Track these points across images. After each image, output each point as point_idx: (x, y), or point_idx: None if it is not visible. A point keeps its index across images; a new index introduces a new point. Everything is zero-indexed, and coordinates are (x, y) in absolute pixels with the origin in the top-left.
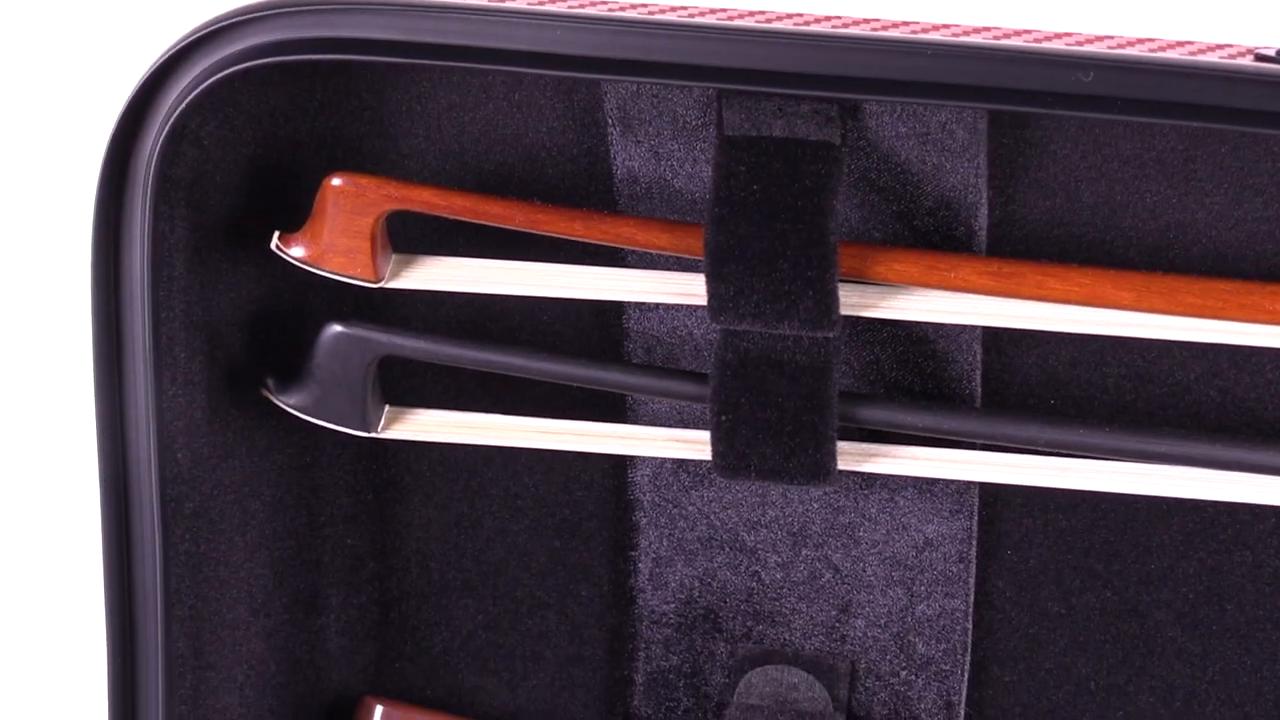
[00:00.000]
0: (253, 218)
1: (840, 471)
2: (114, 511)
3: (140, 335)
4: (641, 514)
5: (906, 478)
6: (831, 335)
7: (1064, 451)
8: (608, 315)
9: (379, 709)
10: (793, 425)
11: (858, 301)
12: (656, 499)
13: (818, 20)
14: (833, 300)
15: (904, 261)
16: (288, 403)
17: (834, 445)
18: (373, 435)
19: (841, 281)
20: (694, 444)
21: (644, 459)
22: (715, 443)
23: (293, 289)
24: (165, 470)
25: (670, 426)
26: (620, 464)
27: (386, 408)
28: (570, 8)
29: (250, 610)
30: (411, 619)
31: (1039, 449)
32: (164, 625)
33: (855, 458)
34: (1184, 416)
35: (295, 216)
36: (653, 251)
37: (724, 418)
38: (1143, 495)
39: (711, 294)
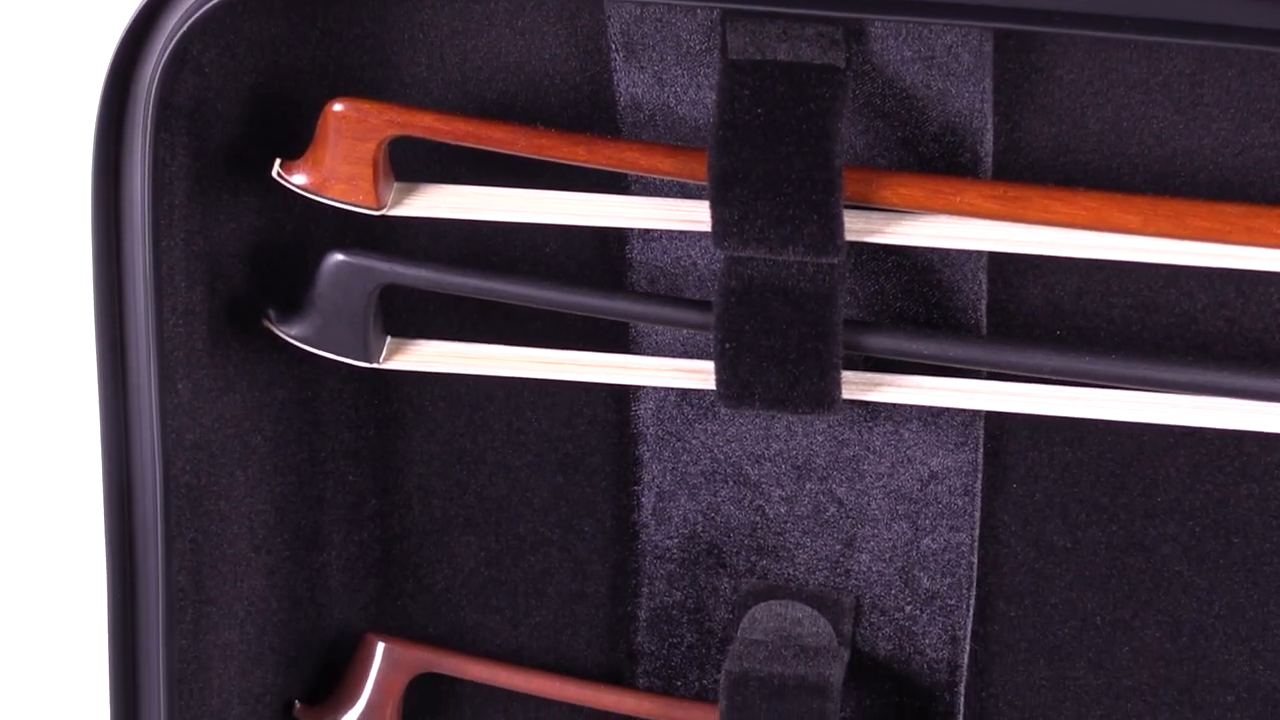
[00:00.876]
0: (254, 146)
1: (845, 402)
2: (114, 442)
3: (140, 263)
4: (645, 448)
5: (911, 410)
6: (836, 261)
7: (1070, 380)
8: (610, 247)
9: (380, 646)
10: (797, 353)
11: (862, 227)
12: (660, 432)
13: None
14: (837, 225)
15: (909, 185)
16: (289, 333)
17: (839, 373)
18: (374, 366)
19: (846, 207)
20: (698, 373)
21: (647, 392)
22: (719, 371)
23: (294, 220)
24: (166, 401)
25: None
26: (623, 398)
27: (388, 339)
28: None
29: (251, 546)
30: (413, 556)
31: (1045, 377)
32: (164, 558)
33: (860, 387)
34: (1191, 347)
35: (297, 145)
36: (656, 177)
37: (727, 345)
38: (1149, 427)
39: (715, 219)
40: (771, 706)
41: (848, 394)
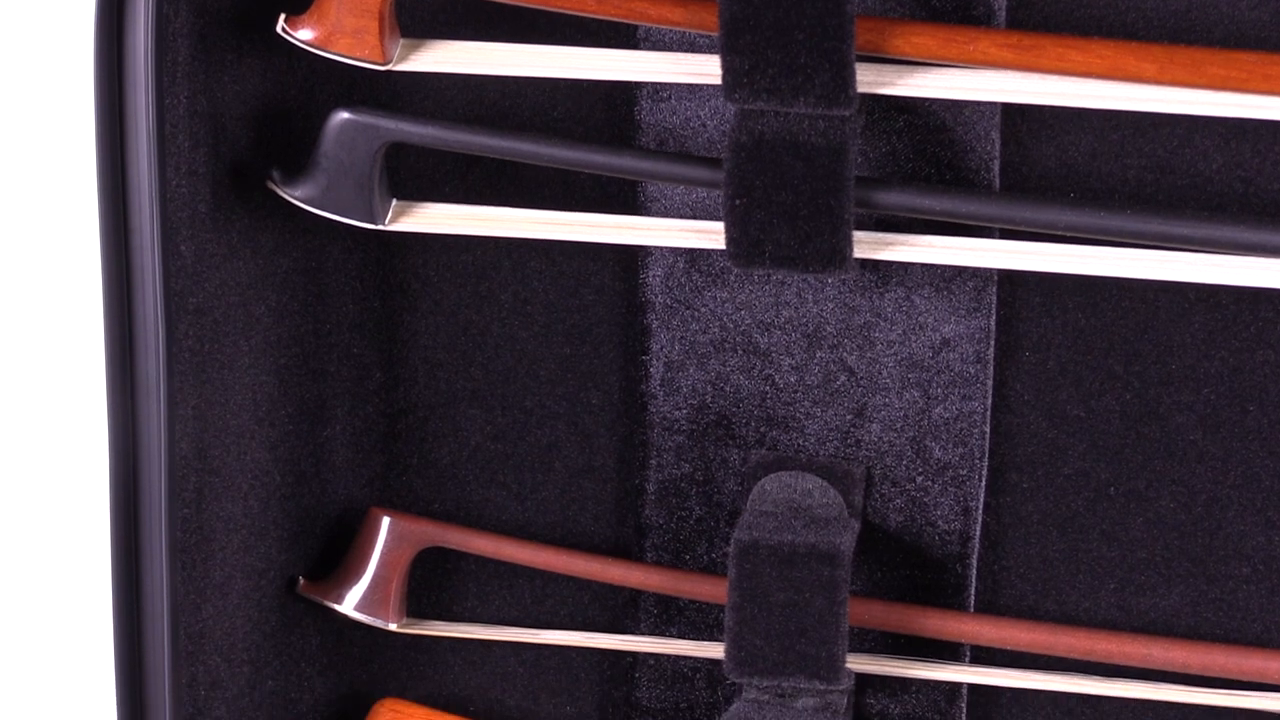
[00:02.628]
0: (258, 2)
1: (856, 262)
2: (116, 303)
3: (144, 121)
4: (653, 316)
5: (923, 276)
6: (848, 114)
7: (1084, 238)
8: (619, 108)
9: (385, 520)
10: (808, 209)
11: (874, 79)
12: (668, 300)
13: None
14: (849, 74)
15: (922, 34)
16: (293, 195)
17: (850, 229)
18: (379, 228)
19: (858, 59)
20: (707, 233)
21: (655, 259)
22: (729, 228)
23: (299, 81)
24: (169, 263)
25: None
26: (631, 266)
27: (394, 201)
28: None
29: (255, 419)
30: (418, 430)
31: (1058, 234)
32: (167, 423)
33: (871, 246)
34: (1206, 209)
35: (300, 1)
36: (667, 28)
37: (737, 201)
38: (1163, 293)
39: (726, 69)
40: (781, 574)
41: (859, 252)
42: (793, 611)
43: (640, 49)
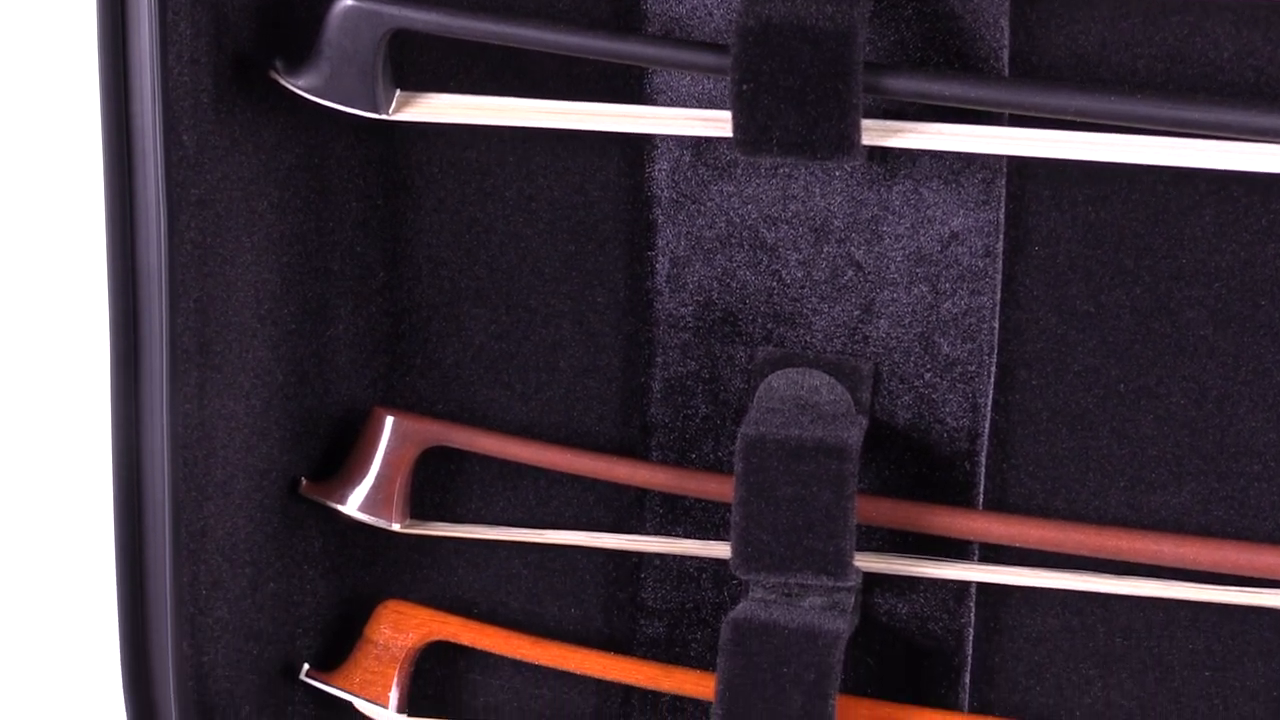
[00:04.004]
0: None
1: (865, 149)
2: (118, 192)
3: (145, 7)
4: (659, 210)
5: (931, 169)
6: None
7: (1094, 123)
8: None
9: (389, 419)
10: (816, 94)
11: None
12: (675, 195)
13: None
14: None
15: None
16: (296, 84)
17: (858, 115)
18: (383, 117)
19: None
20: (714, 122)
21: (662, 153)
22: (736, 115)
23: None
24: (171, 152)
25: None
26: (637, 161)
27: (398, 92)
28: None
29: (257, 316)
30: (422, 330)
31: (1068, 120)
32: (169, 314)
33: (880, 133)
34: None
35: None
36: None
37: (745, 87)
38: (1173, 186)
39: None
40: (788, 469)
41: (867, 140)
42: (800, 506)
43: None
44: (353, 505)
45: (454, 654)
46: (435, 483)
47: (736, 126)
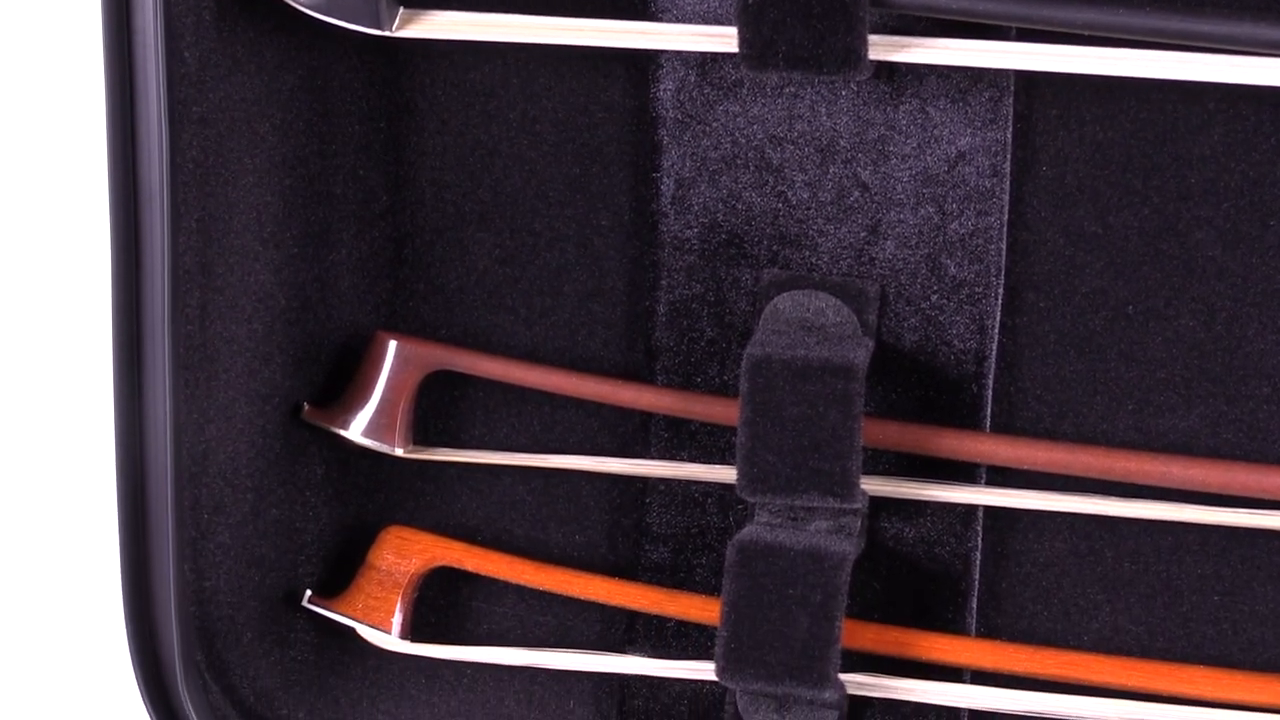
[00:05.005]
0: None
1: (871, 64)
2: (119, 107)
3: None
4: (664, 131)
5: (938, 87)
6: None
7: (1103, 38)
8: None
9: (392, 343)
10: (822, 7)
11: None
12: (680, 115)
13: None
14: None
15: None
16: (299, 0)
17: (865, 28)
18: (386, 34)
19: None
20: (720, 37)
21: (667, 72)
22: (742, 29)
23: None
24: (173, 69)
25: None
26: (641, 81)
27: (401, 8)
28: None
29: (259, 240)
30: (425, 255)
31: (1077, 33)
32: (170, 231)
33: (887, 48)
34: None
35: None
36: None
37: (751, 0)
38: (1182, 105)
39: None
40: (794, 388)
41: (874, 54)
42: (806, 426)
43: None
44: (356, 430)
45: (457, 581)
46: (438, 409)
47: (742, 41)
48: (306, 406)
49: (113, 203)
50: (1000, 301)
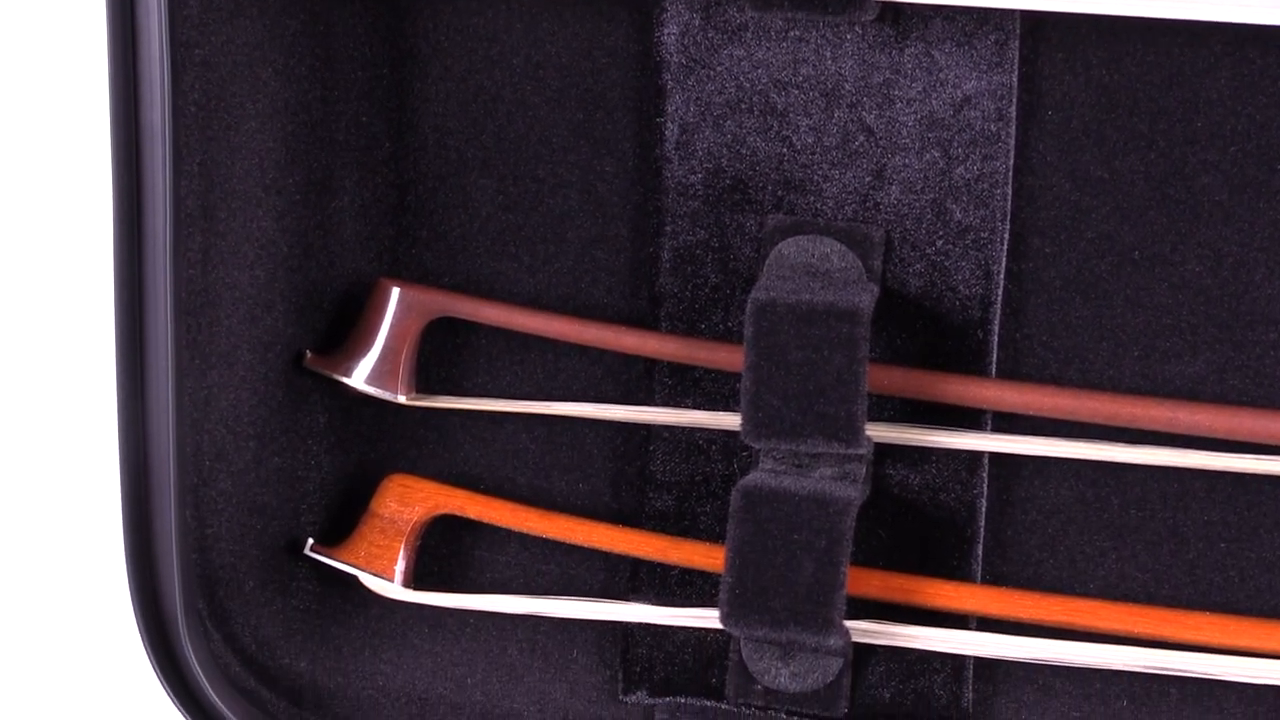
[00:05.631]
0: None
1: (876, 5)
2: (121, 48)
3: None
4: (668, 76)
5: (944, 30)
6: None
7: None
8: None
9: (395, 290)
10: None
11: None
12: (684, 59)
13: None
14: None
15: None
16: None
17: None
18: None
19: None
20: None
21: (671, 16)
22: None
23: None
24: (175, 11)
25: None
26: (645, 26)
27: None
28: None
29: (261, 186)
30: (428, 202)
31: None
32: (172, 173)
33: None
34: None
35: None
36: None
37: None
38: (1189, 47)
39: None
40: (799, 332)
41: None
42: (811, 370)
43: None
44: (358, 378)
45: (460, 530)
46: (441, 358)
47: None
48: (308, 354)
49: (114, 145)
50: (1006, 247)
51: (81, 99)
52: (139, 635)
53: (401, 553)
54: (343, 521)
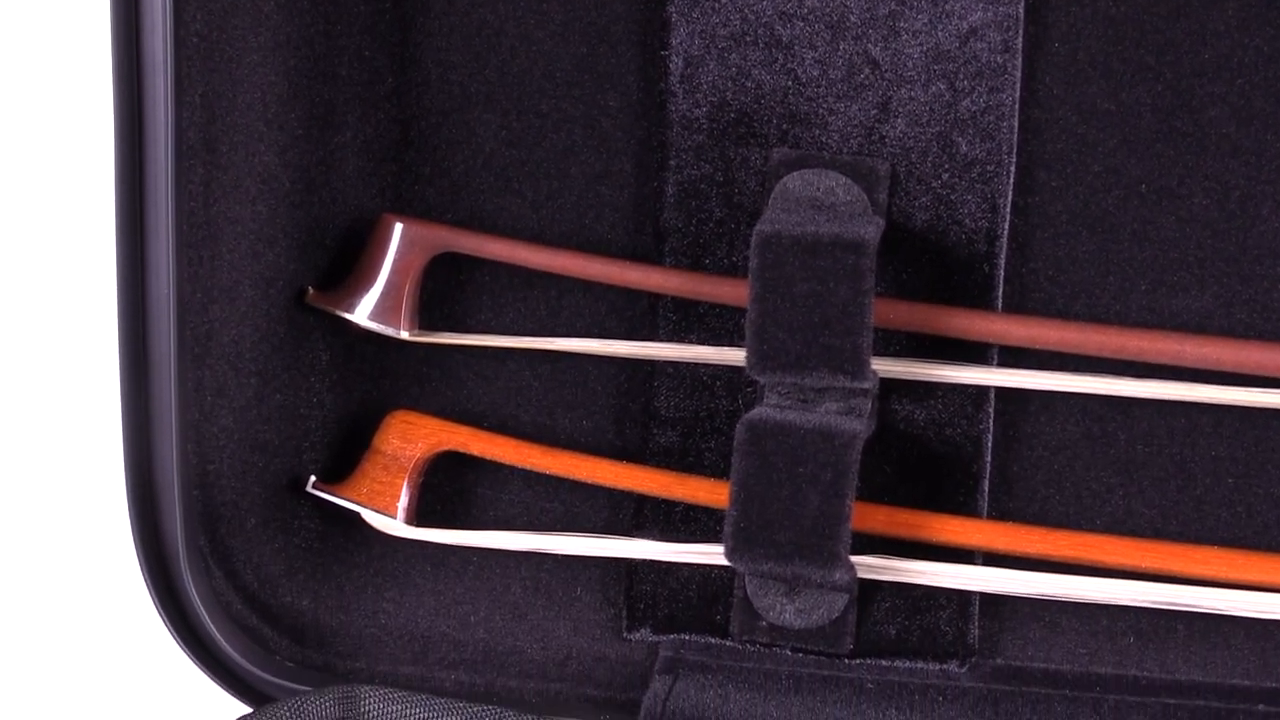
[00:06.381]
0: None
1: None
2: None
3: None
4: (673, 9)
5: None
6: None
7: None
8: None
9: (398, 225)
10: None
11: None
12: None
13: None
14: None
15: None
16: None
17: None
18: None
19: None
20: None
21: None
22: None
23: None
24: None
25: None
26: None
27: None
28: None
29: (264, 119)
30: (431, 137)
31: None
32: (174, 105)
33: None
34: None
35: None
36: None
37: None
38: None
39: None
40: (804, 264)
41: None
42: (816, 302)
43: None
44: (361, 313)
45: (463, 469)
46: (444, 295)
47: None
48: (311, 290)
49: (116, 75)
50: (1012, 180)
51: (84, 28)
52: (140, 572)
53: (404, 489)
54: (345, 459)
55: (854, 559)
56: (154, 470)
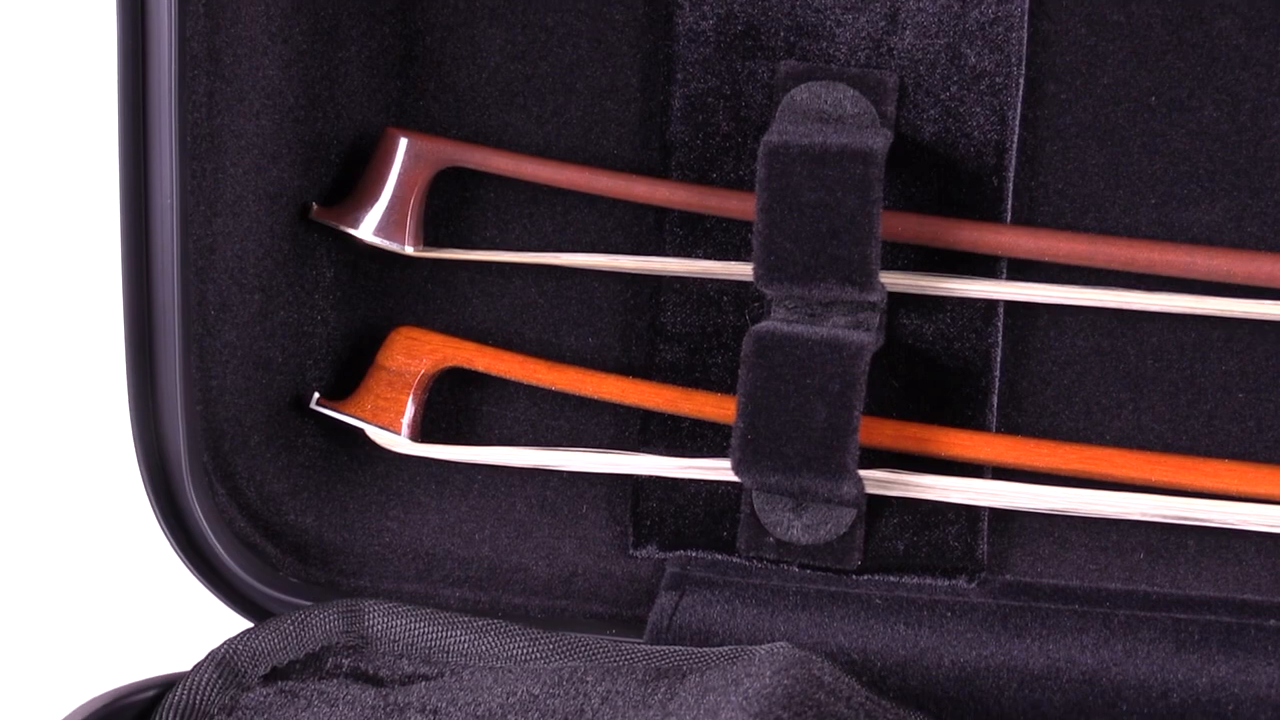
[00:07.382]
0: None
1: None
2: None
3: None
4: None
5: None
6: None
7: None
8: None
9: (402, 140)
10: None
11: None
12: None
13: None
14: None
15: None
16: None
17: None
18: None
19: None
20: None
21: None
22: None
23: None
24: None
25: None
26: None
27: None
28: None
29: (268, 33)
30: (435, 52)
31: None
32: (178, 15)
33: None
34: None
35: None
36: None
37: None
38: None
39: None
40: (812, 174)
41: None
42: (824, 212)
43: None
44: (365, 229)
45: (468, 387)
46: (449, 212)
47: None
48: (315, 206)
49: None
50: (1021, 92)
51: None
52: (143, 488)
53: (409, 406)
54: (349, 377)
55: (862, 473)
56: (157, 386)
